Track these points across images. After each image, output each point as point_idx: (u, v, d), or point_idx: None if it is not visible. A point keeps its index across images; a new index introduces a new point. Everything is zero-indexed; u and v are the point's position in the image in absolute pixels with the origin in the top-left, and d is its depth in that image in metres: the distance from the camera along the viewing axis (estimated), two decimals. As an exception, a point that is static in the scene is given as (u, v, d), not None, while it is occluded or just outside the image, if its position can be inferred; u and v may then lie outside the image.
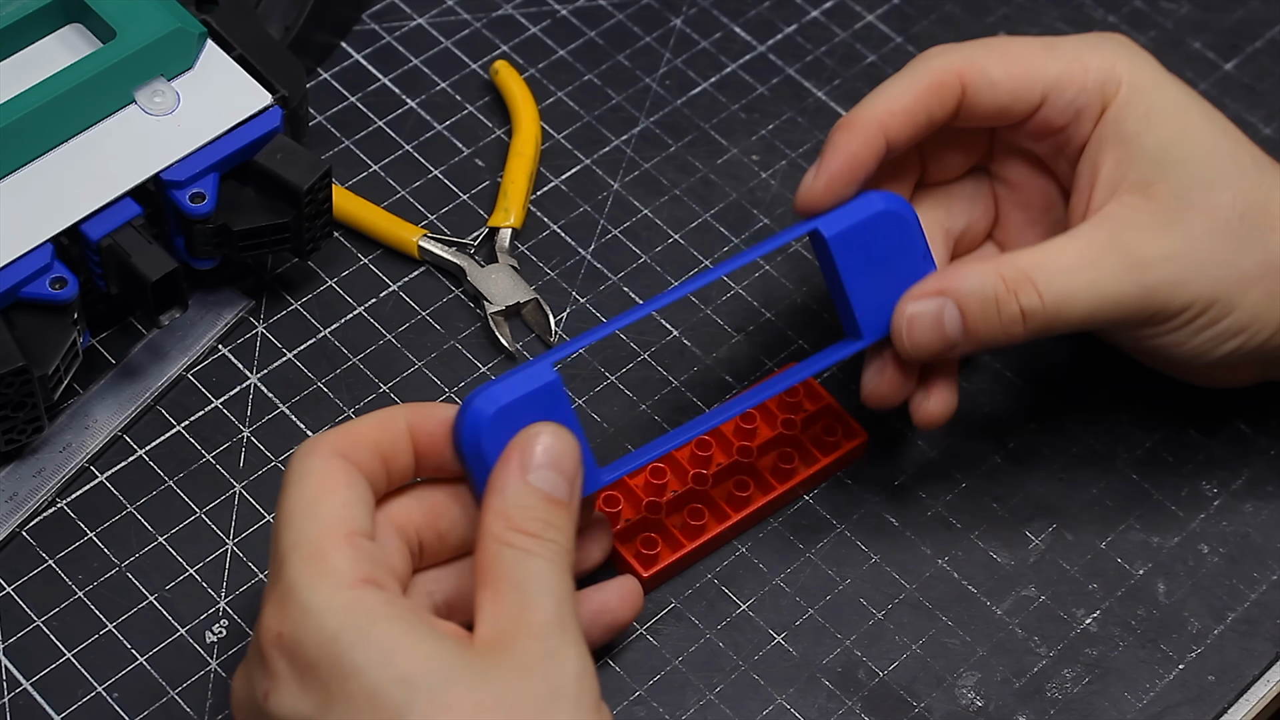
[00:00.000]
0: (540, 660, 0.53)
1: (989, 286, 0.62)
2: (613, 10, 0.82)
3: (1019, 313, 0.62)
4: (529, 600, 0.54)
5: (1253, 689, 0.65)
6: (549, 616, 0.53)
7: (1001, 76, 0.64)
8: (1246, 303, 0.63)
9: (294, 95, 0.69)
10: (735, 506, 0.66)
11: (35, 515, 0.66)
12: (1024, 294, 0.62)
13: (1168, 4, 0.84)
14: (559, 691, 0.52)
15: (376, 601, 0.53)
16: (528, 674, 0.52)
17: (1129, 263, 0.62)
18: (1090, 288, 0.62)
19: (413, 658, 0.52)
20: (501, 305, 0.71)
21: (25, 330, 0.63)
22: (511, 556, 0.54)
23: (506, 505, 0.55)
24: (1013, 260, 0.62)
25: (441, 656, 0.52)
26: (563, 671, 0.53)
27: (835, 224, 0.63)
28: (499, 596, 0.54)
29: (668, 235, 0.75)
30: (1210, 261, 0.62)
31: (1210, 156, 0.63)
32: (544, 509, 0.56)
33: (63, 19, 0.68)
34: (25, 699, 0.62)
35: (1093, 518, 0.69)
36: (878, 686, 0.64)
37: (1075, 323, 0.62)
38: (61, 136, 0.66)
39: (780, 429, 0.68)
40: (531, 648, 0.53)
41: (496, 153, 0.77)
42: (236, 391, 0.69)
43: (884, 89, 0.64)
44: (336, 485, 0.55)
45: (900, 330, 0.63)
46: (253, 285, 0.72)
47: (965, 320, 0.62)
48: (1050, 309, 0.62)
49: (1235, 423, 0.71)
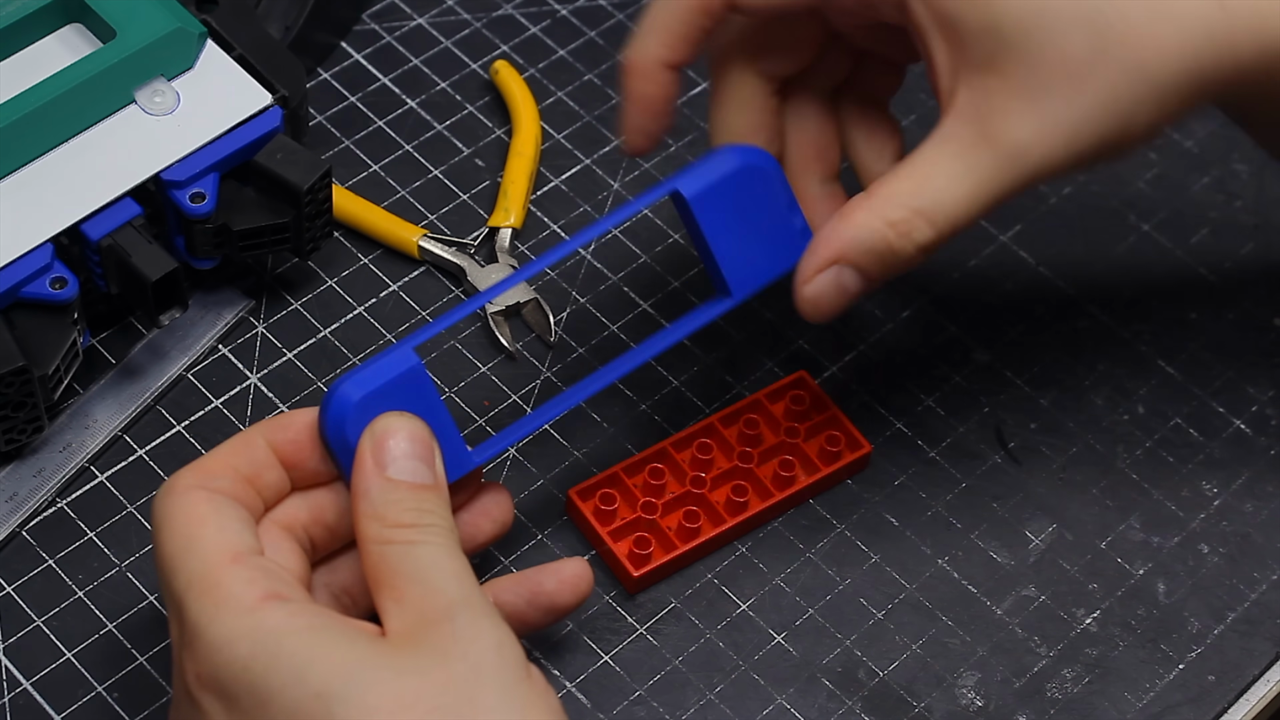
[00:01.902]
0: (454, 642, 0.52)
1: (879, 238, 0.59)
2: (613, 10, 0.82)
3: (914, 249, 0.59)
4: (428, 588, 0.53)
5: (1253, 689, 0.65)
6: (452, 598, 0.53)
7: None
8: (1136, 127, 0.58)
9: (294, 95, 0.69)
10: (732, 512, 0.66)
11: (35, 515, 0.66)
12: (916, 231, 0.59)
13: (1168, 4, 0.84)
14: (480, 667, 0.52)
15: (281, 617, 0.52)
16: (445, 658, 0.52)
17: (1003, 154, 0.58)
18: (973, 195, 0.58)
19: (326, 669, 0.51)
20: (501, 305, 0.71)
21: (25, 330, 0.63)
22: (396, 553, 0.54)
23: (375, 506, 0.55)
24: (890, 196, 0.59)
25: (356, 661, 0.51)
26: (479, 647, 0.52)
27: (694, 183, 0.61)
28: (398, 592, 0.53)
29: (668, 235, 0.75)
30: (1086, 118, 0.58)
31: (1046, 4, 0.57)
32: (413, 498, 0.55)
33: (63, 19, 0.68)
34: (25, 699, 0.62)
35: (1093, 518, 0.69)
36: (878, 686, 0.64)
37: (969, 226, 0.59)
38: (61, 136, 0.66)
39: (783, 436, 0.67)
40: (443, 631, 0.52)
41: (496, 153, 0.77)
42: (236, 391, 0.69)
43: (647, 19, 0.62)
44: (205, 516, 0.54)
45: (804, 309, 0.61)
46: (253, 285, 0.72)
47: (864, 275, 0.60)
48: (945, 231, 0.59)
49: (1235, 423, 0.71)
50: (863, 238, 0.59)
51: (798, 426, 0.68)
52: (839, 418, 0.68)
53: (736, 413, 0.68)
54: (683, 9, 0.62)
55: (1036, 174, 0.58)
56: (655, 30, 0.62)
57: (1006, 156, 0.58)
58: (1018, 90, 0.58)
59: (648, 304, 0.73)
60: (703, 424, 0.68)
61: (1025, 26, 0.57)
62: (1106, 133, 0.58)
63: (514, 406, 0.70)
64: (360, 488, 0.55)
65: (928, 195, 0.59)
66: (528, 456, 0.68)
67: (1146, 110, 0.58)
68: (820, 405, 0.68)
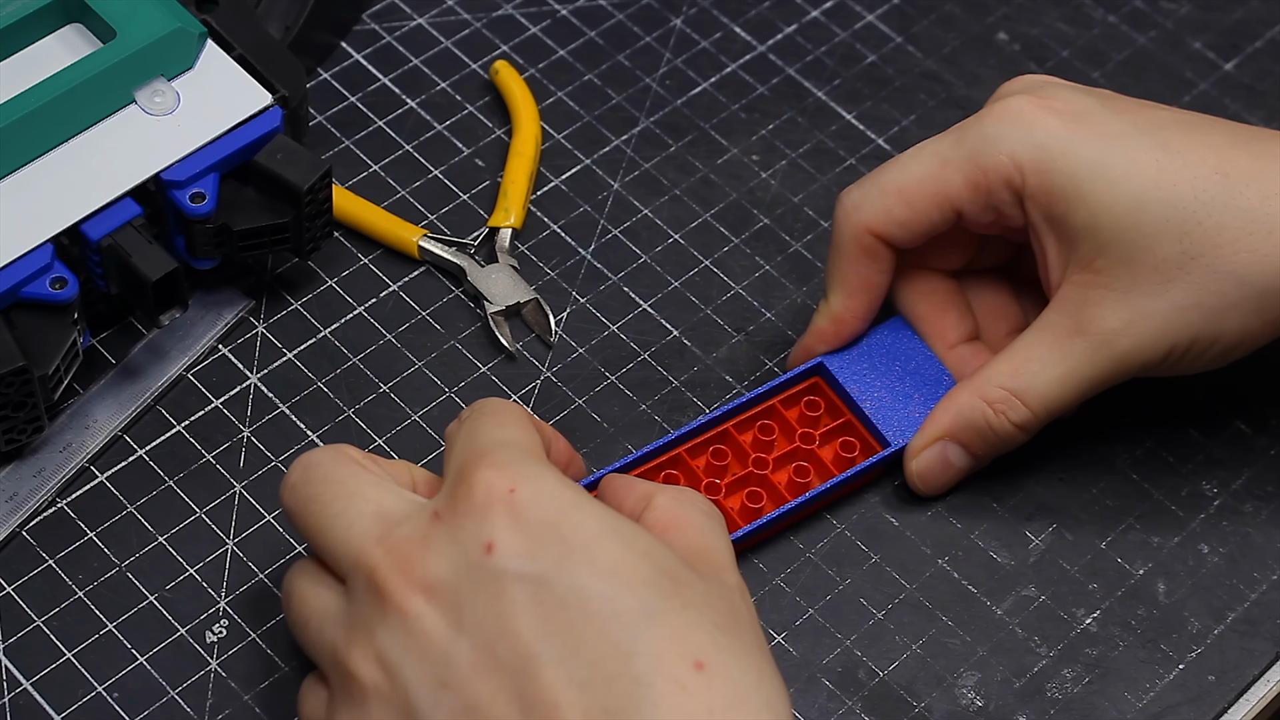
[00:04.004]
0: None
1: (978, 416, 0.65)
2: (613, 10, 0.82)
3: (1013, 428, 0.65)
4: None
5: (1253, 689, 0.65)
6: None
7: (908, 215, 0.65)
8: (1229, 328, 0.63)
9: (294, 95, 0.69)
10: (743, 517, 0.66)
11: (35, 515, 0.66)
12: (1011, 410, 0.65)
13: (1168, 4, 0.84)
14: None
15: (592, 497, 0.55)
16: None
17: (1095, 343, 0.63)
18: (1066, 380, 0.64)
19: (644, 537, 0.54)
20: (501, 305, 0.71)
21: (25, 330, 0.63)
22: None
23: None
24: (990, 379, 0.65)
25: (662, 547, 0.54)
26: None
27: (837, 355, 0.69)
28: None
29: (668, 235, 0.75)
30: (1174, 311, 0.63)
31: (1142, 211, 0.63)
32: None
33: (63, 19, 0.68)
34: (25, 699, 0.62)
35: (1093, 518, 0.69)
36: (878, 686, 0.64)
37: (1068, 409, 0.65)
38: (61, 136, 0.66)
39: (798, 443, 0.67)
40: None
41: (496, 153, 0.77)
42: (236, 391, 0.69)
43: (831, 275, 0.67)
44: (535, 430, 0.58)
45: (914, 482, 0.67)
46: (253, 285, 0.72)
47: (968, 450, 0.66)
48: (1040, 412, 0.65)
49: (1235, 423, 0.71)
50: (965, 414, 0.65)
51: (812, 432, 0.67)
52: (853, 422, 0.68)
53: (751, 419, 0.68)
54: (852, 259, 0.67)
55: (1126, 362, 0.64)
56: (839, 285, 0.68)
57: (1098, 345, 0.64)
58: (1111, 285, 0.63)
59: (648, 304, 0.73)
60: (718, 429, 0.67)
61: (1121, 227, 0.63)
62: (1197, 330, 0.63)
63: (514, 406, 0.70)
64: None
65: (1023, 378, 0.65)
66: (528, 456, 0.68)
67: (1240, 314, 0.63)
68: (835, 410, 0.68)
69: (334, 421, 0.69)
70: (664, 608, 0.52)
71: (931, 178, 0.65)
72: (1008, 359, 0.65)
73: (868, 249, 0.66)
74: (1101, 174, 0.63)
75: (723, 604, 0.54)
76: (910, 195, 0.65)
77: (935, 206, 0.65)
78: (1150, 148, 0.63)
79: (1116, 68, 0.81)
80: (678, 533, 0.56)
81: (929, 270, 0.69)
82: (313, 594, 0.56)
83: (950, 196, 0.65)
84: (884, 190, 0.66)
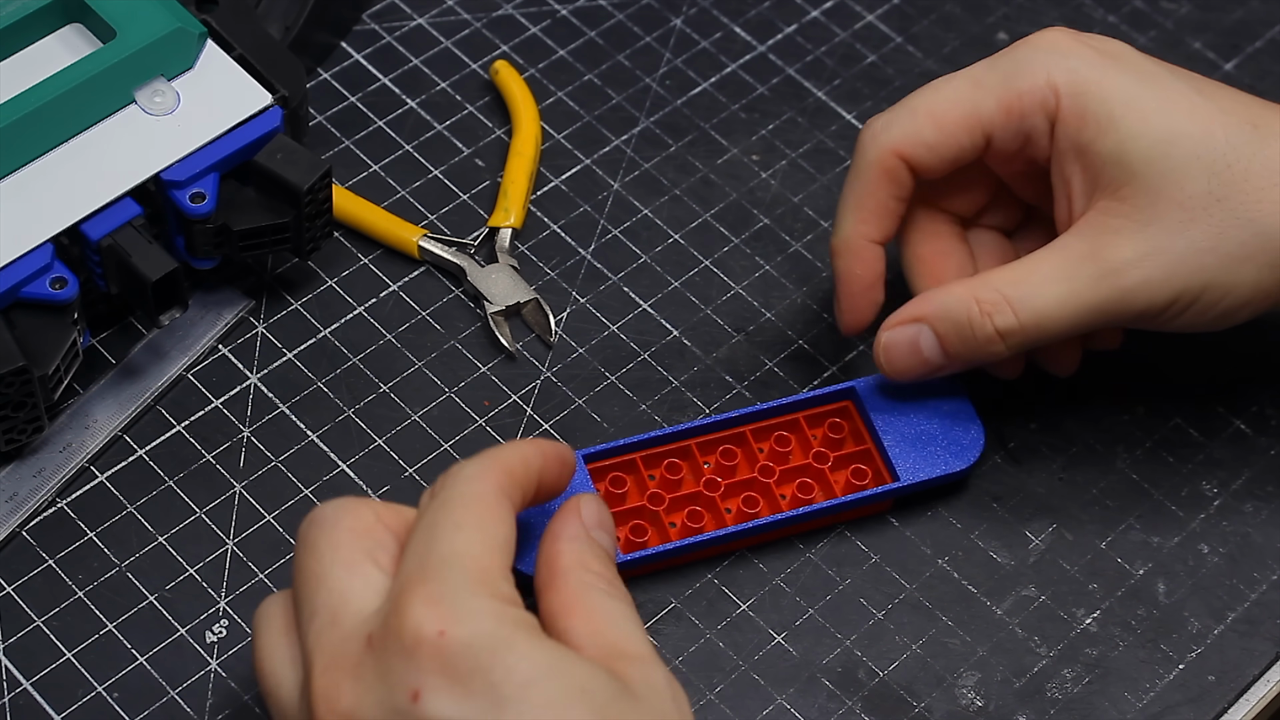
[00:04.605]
0: (644, 686, 0.53)
1: (962, 310, 0.63)
2: (613, 10, 0.82)
3: (994, 333, 0.63)
4: (622, 632, 0.55)
5: (1253, 689, 0.65)
6: (643, 650, 0.54)
7: (936, 138, 0.64)
8: (1243, 279, 0.62)
9: (294, 95, 0.69)
10: (737, 521, 0.66)
11: (35, 515, 0.66)
12: (999, 315, 0.63)
13: (1168, 4, 0.84)
14: (665, 715, 0.53)
15: (535, 623, 0.52)
16: (635, 696, 0.53)
17: (1103, 270, 0.62)
18: (1065, 300, 0.63)
19: (581, 671, 0.51)
20: (501, 305, 0.71)
21: (25, 330, 0.63)
22: (599, 591, 0.55)
23: (584, 547, 0.57)
24: (988, 280, 0.64)
25: (600, 677, 0.52)
26: (664, 697, 0.54)
27: (870, 381, 0.68)
28: (593, 623, 0.54)
29: (668, 235, 0.75)
30: (1191, 252, 0.62)
31: (1173, 144, 0.62)
32: (611, 564, 0.57)
33: (63, 19, 0.68)
34: (25, 699, 0.62)
35: (1093, 518, 0.69)
36: (878, 686, 0.64)
37: (1057, 334, 0.63)
38: (61, 136, 0.66)
39: (810, 460, 0.67)
40: (634, 672, 0.53)
41: (496, 153, 0.77)
42: (236, 391, 0.69)
43: (845, 200, 0.66)
44: (503, 519, 0.55)
45: (878, 356, 0.66)
46: (253, 285, 0.72)
47: (942, 343, 0.64)
48: (1028, 326, 0.63)
49: (1235, 423, 0.71)
50: (949, 304, 0.64)
51: (828, 453, 0.67)
52: (872, 452, 0.68)
53: (771, 427, 0.68)
54: (871, 182, 0.65)
55: (1131, 297, 0.62)
56: (852, 209, 0.66)
57: (1106, 273, 0.62)
58: (1131, 215, 0.62)
59: (648, 304, 0.73)
60: (734, 431, 0.67)
61: (1150, 157, 0.62)
62: (1210, 276, 0.62)
63: (514, 406, 0.70)
64: (573, 530, 0.57)
65: (1021, 287, 0.63)
66: (528, 456, 0.68)
67: (1256, 266, 0.62)
68: (858, 437, 0.68)
69: (334, 421, 0.69)
70: None
71: (964, 100, 0.64)
72: (1011, 267, 0.64)
73: (890, 171, 0.65)
74: (1136, 104, 0.62)
75: None
76: (941, 117, 0.64)
77: (965, 130, 0.64)
78: (1185, 91, 0.63)
79: (1116, 68, 0.81)
80: (593, 631, 0.54)
81: (938, 210, 0.68)
82: (273, 669, 0.55)
83: (982, 119, 0.64)
84: (914, 111, 0.65)
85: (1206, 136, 0.62)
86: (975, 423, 0.67)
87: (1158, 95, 0.63)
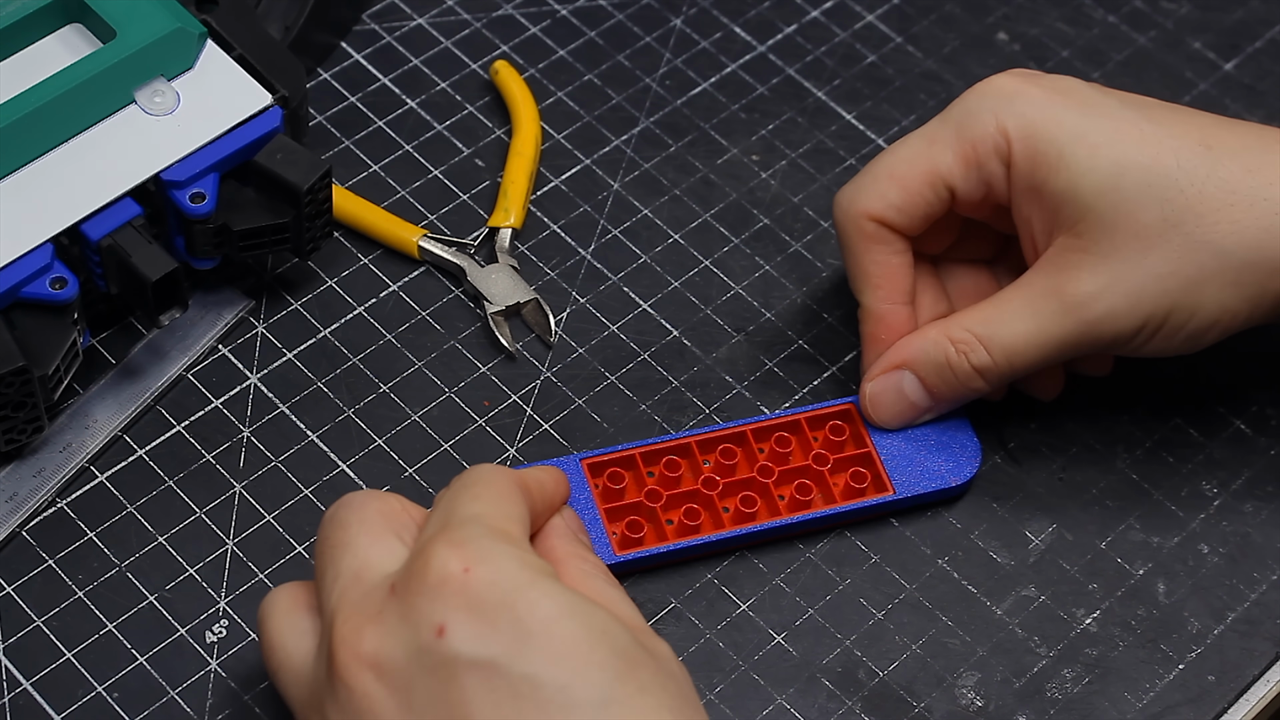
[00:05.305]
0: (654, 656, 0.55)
1: (939, 351, 0.66)
2: (613, 10, 0.82)
3: (972, 370, 0.65)
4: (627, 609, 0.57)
5: (1253, 689, 0.65)
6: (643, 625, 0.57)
7: (902, 199, 0.66)
8: (1207, 301, 0.63)
9: (294, 95, 0.69)
10: (735, 521, 0.66)
11: (35, 515, 0.66)
12: (973, 354, 0.65)
13: (1168, 4, 0.84)
14: (676, 674, 0.55)
15: (554, 571, 0.54)
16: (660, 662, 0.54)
17: (1067, 304, 0.64)
18: (1033, 336, 0.64)
19: (602, 615, 0.53)
20: (501, 305, 0.71)
21: (25, 330, 0.63)
22: (600, 579, 0.58)
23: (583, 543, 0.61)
24: (960, 321, 0.66)
25: (618, 624, 0.54)
26: (673, 660, 0.56)
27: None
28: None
29: (668, 235, 0.75)
30: (1151, 279, 0.63)
31: (1123, 175, 0.63)
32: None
33: (63, 19, 0.68)
34: (25, 699, 0.62)
35: (1093, 518, 0.69)
36: (878, 686, 0.64)
37: (1031, 367, 0.65)
38: (61, 136, 0.66)
39: (810, 462, 0.67)
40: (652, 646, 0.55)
41: (496, 153, 0.77)
42: (236, 391, 0.69)
43: (851, 276, 0.68)
44: (518, 502, 0.57)
45: (865, 407, 0.68)
46: (253, 285, 0.72)
47: (926, 386, 0.66)
48: (1001, 362, 0.65)
49: (1235, 423, 0.71)
50: (926, 348, 0.66)
51: (828, 455, 0.67)
52: (873, 456, 0.68)
53: (772, 428, 0.68)
54: (861, 251, 0.67)
55: (1097, 329, 0.64)
56: (861, 282, 0.68)
57: (1070, 307, 0.64)
58: (1089, 249, 0.63)
59: (648, 304, 0.73)
60: (734, 430, 0.67)
61: (1101, 190, 0.63)
62: (1174, 300, 0.63)
63: (514, 406, 0.70)
64: (562, 529, 0.60)
65: (991, 325, 0.65)
66: (528, 456, 0.68)
67: (1218, 286, 0.63)
68: (859, 440, 0.68)
69: (334, 421, 0.69)
70: (620, 694, 0.51)
71: (921, 157, 0.65)
72: (981, 307, 0.65)
73: (872, 235, 0.66)
74: (1083, 140, 0.63)
75: (673, 685, 0.53)
76: (902, 177, 0.65)
77: (928, 185, 0.65)
78: (1134, 119, 0.64)
79: (1116, 68, 0.81)
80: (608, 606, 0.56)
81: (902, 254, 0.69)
82: (284, 642, 0.56)
83: (942, 173, 0.65)
84: (876, 177, 0.66)
85: (1156, 164, 0.63)
86: (972, 439, 0.68)
87: (1106, 127, 0.64)
